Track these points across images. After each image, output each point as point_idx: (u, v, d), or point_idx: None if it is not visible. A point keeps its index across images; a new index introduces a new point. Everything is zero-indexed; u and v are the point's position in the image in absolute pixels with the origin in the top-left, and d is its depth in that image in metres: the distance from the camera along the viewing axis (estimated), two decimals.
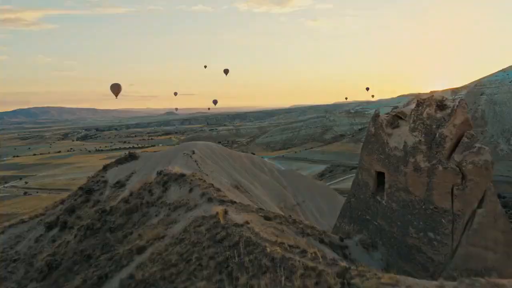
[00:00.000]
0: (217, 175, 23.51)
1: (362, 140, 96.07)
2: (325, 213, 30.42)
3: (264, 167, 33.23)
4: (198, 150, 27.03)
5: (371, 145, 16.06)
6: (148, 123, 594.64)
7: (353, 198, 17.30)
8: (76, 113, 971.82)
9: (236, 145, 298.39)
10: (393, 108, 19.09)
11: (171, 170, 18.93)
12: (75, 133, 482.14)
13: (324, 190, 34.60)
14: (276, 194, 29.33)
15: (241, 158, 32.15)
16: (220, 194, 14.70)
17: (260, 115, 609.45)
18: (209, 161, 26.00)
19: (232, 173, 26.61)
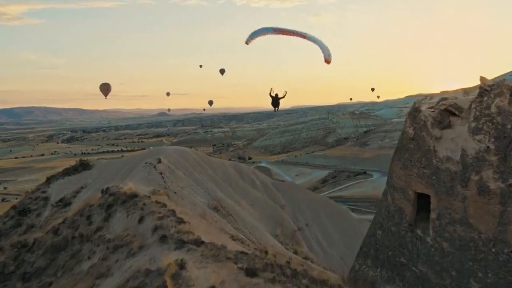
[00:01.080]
0: (190, 193, 19.23)
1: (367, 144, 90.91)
2: (335, 240, 25.91)
3: (256, 180, 28.50)
4: (166, 158, 22.40)
5: (408, 153, 11.72)
6: (138, 125, 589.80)
7: (379, 231, 12.96)
8: (62, 113, 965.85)
9: (232, 148, 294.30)
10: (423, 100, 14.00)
11: (120, 188, 14.40)
12: (60, 135, 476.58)
13: (332, 209, 29.50)
14: (271, 216, 24.49)
15: (225, 168, 27.29)
16: (182, 229, 10.22)
17: (258, 117, 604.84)
18: (181, 172, 21.50)
19: (212, 189, 22.05)
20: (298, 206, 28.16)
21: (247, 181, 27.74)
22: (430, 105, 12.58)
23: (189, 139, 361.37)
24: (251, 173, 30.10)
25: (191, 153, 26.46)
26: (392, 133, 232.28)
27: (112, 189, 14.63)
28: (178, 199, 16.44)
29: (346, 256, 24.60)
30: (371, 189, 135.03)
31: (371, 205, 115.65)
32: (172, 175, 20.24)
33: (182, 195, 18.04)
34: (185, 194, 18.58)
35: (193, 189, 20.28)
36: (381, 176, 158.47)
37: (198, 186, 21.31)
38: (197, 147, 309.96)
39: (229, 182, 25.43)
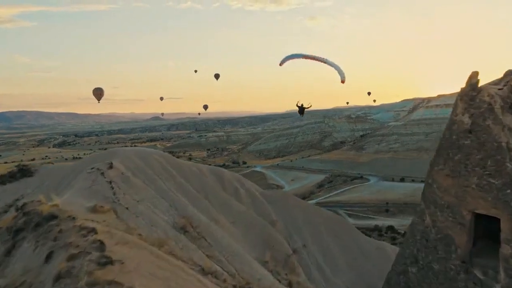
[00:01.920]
0: (148, 208, 15.66)
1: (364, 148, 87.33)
2: (339, 265, 21.90)
3: (240, 189, 23.84)
4: (121, 162, 18.46)
5: (462, 153, 8.59)
6: (131, 129, 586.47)
7: (413, 267, 9.13)
8: (54, 117, 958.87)
9: (227, 153, 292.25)
10: None
11: (41, 204, 10.77)
12: (52, 139, 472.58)
13: (335, 224, 24.15)
14: (258, 236, 20.27)
15: (201, 175, 22.98)
16: (101, 277, 6.52)
17: (253, 121, 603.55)
18: (139, 180, 17.84)
19: (180, 202, 18.19)
20: (293, 222, 23.64)
21: (230, 191, 23.23)
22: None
23: (183, 144, 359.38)
24: (235, 180, 25.10)
25: (156, 155, 21.79)
26: (389, 137, 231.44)
27: (29, 206, 10.72)
28: (130, 218, 13.65)
29: (354, 286, 21.21)
30: (368, 193, 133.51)
31: (368, 210, 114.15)
32: (127, 184, 16.41)
33: (137, 211, 14.57)
34: (142, 210, 14.94)
35: (154, 203, 16.52)
36: (378, 181, 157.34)
37: (162, 198, 17.45)
38: (191, 152, 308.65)
39: (205, 192, 21.09)
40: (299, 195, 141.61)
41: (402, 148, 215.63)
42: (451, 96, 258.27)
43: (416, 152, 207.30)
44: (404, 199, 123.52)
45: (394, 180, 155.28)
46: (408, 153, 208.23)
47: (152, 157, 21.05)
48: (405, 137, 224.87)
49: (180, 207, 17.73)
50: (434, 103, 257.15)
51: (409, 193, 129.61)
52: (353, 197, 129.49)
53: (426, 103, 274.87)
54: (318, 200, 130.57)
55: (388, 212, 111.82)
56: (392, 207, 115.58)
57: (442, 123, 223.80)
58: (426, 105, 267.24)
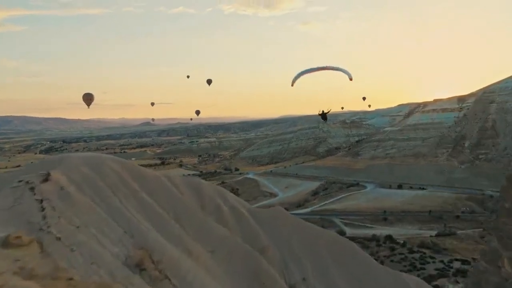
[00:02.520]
0: (91, 237, 12.07)
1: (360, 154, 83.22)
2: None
3: (223, 206, 19.21)
4: (62, 172, 14.23)
5: None
6: (121, 134, 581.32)
7: None
8: (42, 123, 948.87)
9: (218, 159, 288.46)
10: None
11: None
12: (39, 145, 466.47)
13: (342, 250, 18.98)
14: (245, 269, 16.05)
15: (171, 189, 18.11)
16: None
17: (245, 126, 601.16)
18: (85, 197, 13.81)
19: (140, 227, 14.10)
20: (289, 248, 18.72)
21: (209, 209, 18.51)
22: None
23: (173, 150, 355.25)
24: (217, 195, 19.94)
25: (113, 163, 16.94)
26: (385, 142, 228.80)
27: None
28: (61, 253, 10.31)
29: None
30: (365, 201, 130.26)
31: (365, 218, 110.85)
32: (65, 203, 12.41)
33: (75, 242, 10.96)
34: (82, 240, 11.28)
35: (102, 229, 12.64)
36: (374, 188, 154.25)
37: (115, 222, 13.43)
38: (182, 158, 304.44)
39: (176, 212, 16.49)
40: (293, 203, 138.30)
41: (398, 154, 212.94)
42: (447, 100, 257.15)
43: (413, 158, 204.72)
44: (402, 207, 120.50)
45: (391, 187, 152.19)
46: (405, 158, 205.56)
47: (106, 166, 16.39)
48: (401, 143, 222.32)
49: (138, 234, 13.56)
50: (430, 108, 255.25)
51: (407, 201, 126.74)
52: (349, 205, 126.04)
53: (422, 107, 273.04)
54: (313, 208, 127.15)
55: (386, 220, 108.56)
56: (390, 215, 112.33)
57: (439, 128, 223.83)
58: (422, 109, 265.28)
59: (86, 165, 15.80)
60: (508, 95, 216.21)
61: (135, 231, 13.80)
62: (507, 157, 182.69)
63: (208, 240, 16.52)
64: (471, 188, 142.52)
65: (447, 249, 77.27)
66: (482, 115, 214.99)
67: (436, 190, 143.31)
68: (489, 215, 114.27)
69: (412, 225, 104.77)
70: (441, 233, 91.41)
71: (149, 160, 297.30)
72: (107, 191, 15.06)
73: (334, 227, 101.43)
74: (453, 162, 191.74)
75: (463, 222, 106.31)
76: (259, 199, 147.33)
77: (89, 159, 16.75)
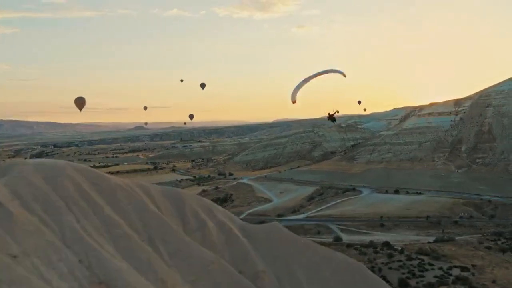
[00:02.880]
0: (33, 270, 9.50)
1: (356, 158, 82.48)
2: None
3: (208, 223, 15.75)
4: (4, 184, 11.96)
5: None
6: (113, 139, 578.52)
7: None
8: (34, 127, 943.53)
9: (212, 164, 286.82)
10: None
11: None
12: (29, 149, 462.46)
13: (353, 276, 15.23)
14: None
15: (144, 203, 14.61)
16: None
17: (239, 130, 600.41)
18: (32, 216, 11.14)
19: (101, 254, 11.20)
20: (289, 273, 15.12)
21: (192, 227, 15.15)
22: None
23: (166, 154, 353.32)
24: (201, 208, 16.36)
25: (74, 172, 13.89)
26: (381, 147, 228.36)
27: None
28: None
29: None
30: (361, 206, 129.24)
31: (362, 224, 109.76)
32: (2, 224, 10.19)
33: (7, 279, 8.61)
34: (18, 275, 8.82)
35: (49, 258, 10.11)
36: (371, 193, 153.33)
37: (67, 248, 10.78)
38: (175, 163, 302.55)
39: (149, 232, 13.41)
40: (289, 208, 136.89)
41: (395, 158, 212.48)
42: (443, 104, 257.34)
43: (410, 162, 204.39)
44: (399, 212, 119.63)
45: (388, 192, 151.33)
46: (401, 163, 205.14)
47: (65, 176, 13.34)
48: (397, 147, 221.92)
49: (97, 263, 10.80)
50: (426, 111, 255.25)
51: (404, 206, 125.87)
52: (346, 211, 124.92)
53: (418, 111, 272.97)
54: (308, 214, 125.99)
55: (383, 226, 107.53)
56: (387, 221, 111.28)
57: (436, 132, 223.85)
58: (418, 113, 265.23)
59: (39, 174, 12.92)
60: (504, 99, 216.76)
61: (94, 259, 10.95)
62: (504, 161, 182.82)
63: (189, 267, 13.25)
64: (468, 192, 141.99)
65: (446, 256, 76.18)
66: (478, 119, 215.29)
67: (433, 195, 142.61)
68: (487, 220, 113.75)
69: (410, 231, 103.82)
70: (439, 239, 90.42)
71: (142, 165, 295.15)
72: (62, 208, 12.17)
73: (331, 233, 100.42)
74: (450, 167, 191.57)
75: (461, 228, 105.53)
76: (254, 204, 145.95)
77: (44, 167, 13.72)
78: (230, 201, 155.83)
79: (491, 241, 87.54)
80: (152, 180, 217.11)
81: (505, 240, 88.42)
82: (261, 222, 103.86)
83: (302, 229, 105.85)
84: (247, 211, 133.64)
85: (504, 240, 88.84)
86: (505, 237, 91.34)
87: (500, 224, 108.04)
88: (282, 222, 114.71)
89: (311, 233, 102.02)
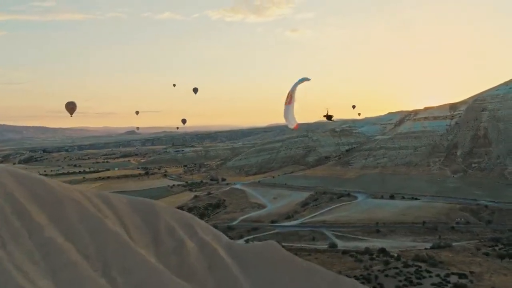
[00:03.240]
0: None
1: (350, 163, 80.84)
2: None
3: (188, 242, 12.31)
4: None
5: None
6: (104, 144, 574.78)
7: None
8: (23, 131, 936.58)
9: (205, 169, 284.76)
10: None
11: None
12: (18, 154, 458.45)
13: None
14: None
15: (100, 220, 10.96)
16: None
17: (232, 135, 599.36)
18: None
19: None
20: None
21: (166, 248, 11.75)
22: None
23: (158, 159, 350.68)
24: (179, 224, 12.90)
25: (7, 179, 10.50)
26: (376, 151, 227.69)
27: None
28: None
29: None
30: (356, 212, 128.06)
31: (357, 230, 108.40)
32: None
33: None
34: None
35: None
36: (366, 198, 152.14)
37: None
38: (167, 168, 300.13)
39: (105, 256, 10.12)
40: (282, 214, 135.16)
41: (390, 163, 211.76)
42: (438, 108, 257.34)
43: (405, 167, 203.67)
44: (395, 218, 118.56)
45: (383, 197, 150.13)
46: (397, 168, 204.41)
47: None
48: (393, 151, 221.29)
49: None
50: (421, 116, 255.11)
51: (400, 212, 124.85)
52: (341, 217, 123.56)
53: (413, 115, 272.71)
54: (303, 220, 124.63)
55: (379, 232, 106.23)
56: (383, 227, 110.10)
57: (431, 136, 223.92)
58: (413, 117, 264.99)
59: None
60: (500, 103, 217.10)
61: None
62: (500, 165, 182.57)
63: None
64: (464, 198, 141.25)
65: (443, 262, 75.09)
66: (474, 123, 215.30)
67: (429, 200, 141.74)
68: (484, 226, 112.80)
69: (406, 237, 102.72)
70: (436, 245, 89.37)
71: (133, 170, 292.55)
72: None
73: (326, 240, 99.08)
74: (446, 171, 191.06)
75: (458, 234, 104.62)
76: (247, 210, 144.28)
77: None
78: (223, 207, 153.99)
79: (489, 247, 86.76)
80: (143, 185, 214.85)
81: (502, 246, 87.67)
82: (255, 229, 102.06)
83: (296, 235, 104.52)
84: (240, 217, 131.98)
85: (502, 246, 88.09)
86: (502, 243, 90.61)
87: (497, 230, 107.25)
88: (276, 228, 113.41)
89: (306, 239, 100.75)
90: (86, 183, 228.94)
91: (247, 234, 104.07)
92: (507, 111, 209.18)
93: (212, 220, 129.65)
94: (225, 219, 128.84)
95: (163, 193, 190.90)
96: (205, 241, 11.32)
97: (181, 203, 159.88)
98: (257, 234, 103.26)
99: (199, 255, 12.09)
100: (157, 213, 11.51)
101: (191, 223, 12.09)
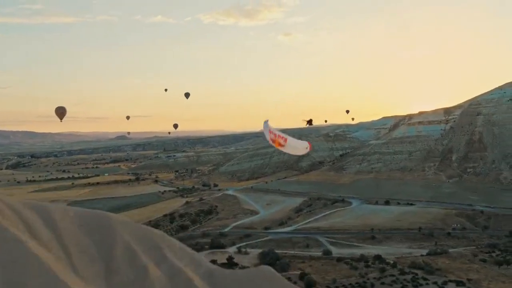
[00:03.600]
0: None
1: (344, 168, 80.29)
2: None
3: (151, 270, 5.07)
4: None
5: None
6: (94, 149, 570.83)
7: None
8: (10, 136, 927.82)
9: (196, 175, 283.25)
10: None
11: None
12: (5, 160, 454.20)
13: None
14: None
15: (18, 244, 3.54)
16: None
17: (225, 140, 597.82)
18: None
19: None
20: None
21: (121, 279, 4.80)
22: None
23: (149, 165, 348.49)
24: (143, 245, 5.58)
25: None
26: (370, 156, 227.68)
27: None
28: None
29: None
30: (351, 218, 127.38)
31: (352, 237, 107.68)
32: None
33: None
34: None
35: None
36: (360, 204, 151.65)
37: None
38: (158, 173, 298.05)
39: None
40: (276, 221, 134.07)
41: (385, 168, 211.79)
42: (433, 112, 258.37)
43: (400, 172, 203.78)
44: (390, 224, 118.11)
45: (378, 203, 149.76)
46: (391, 173, 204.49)
47: None
48: (387, 156, 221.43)
49: None
50: (416, 120, 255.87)
51: (395, 217, 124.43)
52: (335, 223, 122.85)
53: (407, 120, 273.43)
54: (297, 226, 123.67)
55: (374, 239, 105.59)
56: (378, 233, 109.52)
57: (426, 141, 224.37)
58: (408, 122, 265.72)
59: None
60: (494, 107, 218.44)
61: None
62: (495, 170, 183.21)
63: None
64: (460, 203, 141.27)
65: (440, 269, 74.62)
66: (469, 128, 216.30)
67: (425, 205, 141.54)
68: (480, 231, 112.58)
69: (402, 244, 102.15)
70: (433, 252, 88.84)
71: (123, 175, 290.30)
72: None
73: (320, 247, 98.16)
74: (441, 176, 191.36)
75: (454, 240, 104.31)
76: (240, 217, 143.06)
77: None
78: (215, 213, 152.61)
79: (486, 254, 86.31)
80: (134, 191, 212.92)
81: (499, 252, 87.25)
82: (247, 236, 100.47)
83: (290, 242, 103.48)
84: (232, 224, 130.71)
85: (499, 252, 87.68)
86: (499, 249, 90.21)
87: (494, 236, 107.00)
88: (269, 235, 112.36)
89: (300, 246, 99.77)
90: (75, 189, 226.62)
91: (239, 241, 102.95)
92: (502, 116, 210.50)
93: (203, 227, 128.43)
94: (217, 226, 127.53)
95: (154, 199, 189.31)
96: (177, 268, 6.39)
97: (172, 209, 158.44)
98: (249, 241, 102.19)
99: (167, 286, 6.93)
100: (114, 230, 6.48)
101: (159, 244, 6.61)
